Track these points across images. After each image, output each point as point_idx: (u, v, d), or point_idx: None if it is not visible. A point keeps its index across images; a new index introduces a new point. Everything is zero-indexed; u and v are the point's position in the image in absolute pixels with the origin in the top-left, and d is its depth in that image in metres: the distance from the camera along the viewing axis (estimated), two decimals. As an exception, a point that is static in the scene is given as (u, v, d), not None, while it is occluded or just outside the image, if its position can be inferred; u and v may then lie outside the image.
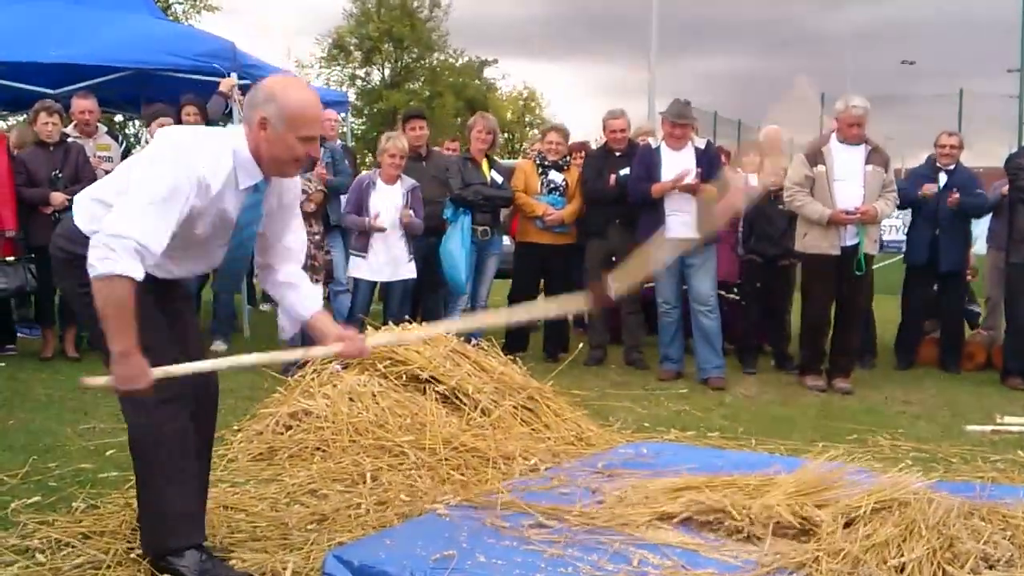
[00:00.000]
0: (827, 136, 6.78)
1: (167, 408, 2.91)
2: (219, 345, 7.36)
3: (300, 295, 3.20)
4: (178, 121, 7.57)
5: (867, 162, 6.61)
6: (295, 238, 3.23)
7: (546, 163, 7.72)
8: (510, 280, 8.03)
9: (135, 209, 2.68)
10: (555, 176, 7.68)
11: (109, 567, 3.01)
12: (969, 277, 8.33)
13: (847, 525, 3.02)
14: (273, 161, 2.89)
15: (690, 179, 6.84)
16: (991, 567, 2.81)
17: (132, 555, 3.09)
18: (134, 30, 8.66)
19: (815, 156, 6.65)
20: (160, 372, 2.77)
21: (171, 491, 2.94)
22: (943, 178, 7.68)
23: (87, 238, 2.76)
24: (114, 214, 2.72)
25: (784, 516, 3.06)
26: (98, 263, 2.64)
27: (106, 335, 2.69)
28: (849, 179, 6.58)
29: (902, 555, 2.80)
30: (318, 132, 2.95)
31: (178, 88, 8.22)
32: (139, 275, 2.66)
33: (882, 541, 2.87)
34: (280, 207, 3.11)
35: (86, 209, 2.95)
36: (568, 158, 7.90)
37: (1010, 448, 5.01)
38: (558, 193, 7.65)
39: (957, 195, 7.46)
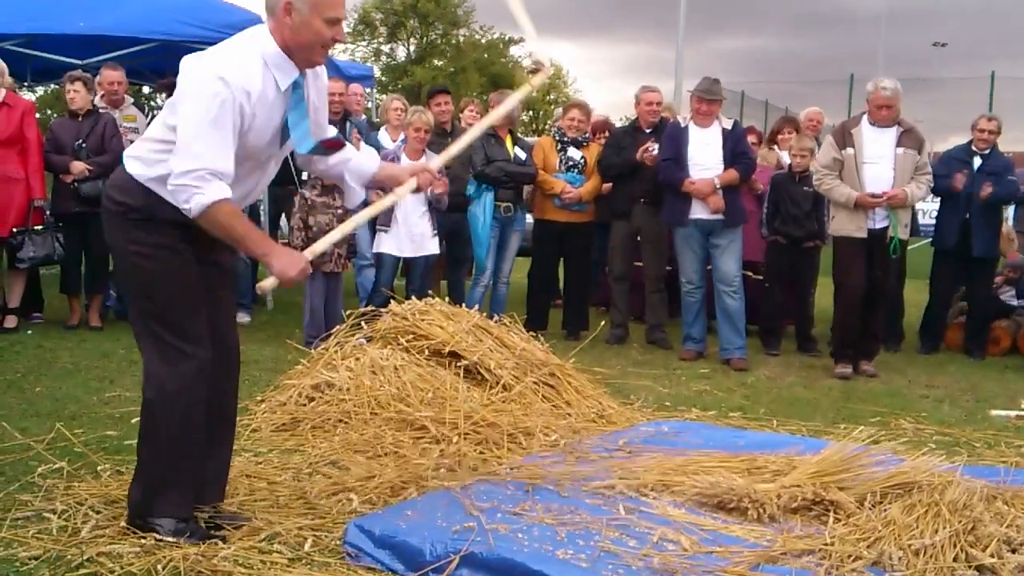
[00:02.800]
0: (858, 118, 6.69)
1: (186, 377, 2.92)
2: (243, 317, 7.40)
3: (358, 158, 3.25)
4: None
5: (898, 144, 6.49)
6: (334, 131, 3.25)
7: (565, 140, 7.69)
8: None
9: (192, 141, 2.70)
10: (574, 153, 7.64)
11: (121, 532, 3.03)
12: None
13: (869, 508, 3.00)
14: (300, 48, 2.85)
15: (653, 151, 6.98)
16: (1014, 551, 2.80)
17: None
18: (161, 1, 8.66)
19: (844, 138, 6.57)
20: (309, 253, 2.92)
21: (169, 459, 2.97)
22: (977, 162, 7.58)
23: (140, 186, 2.80)
24: (175, 156, 2.74)
25: (805, 497, 3.05)
26: (189, 203, 2.71)
27: (241, 250, 2.89)
28: (879, 162, 6.46)
29: (924, 538, 2.79)
30: (343, 15, 2.91)
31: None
32: (228, 193, 2.73)
33: (903, 524, 2.86)
34: (319, 103, 3.08)
35: (139, 155, 2.93)
36: (588, 135, 7.86)
37: (1034, 433, 4.97)
38: (577, 171, 7.61)
39: (990, 189, 7.36)
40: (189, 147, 2.70)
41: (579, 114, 7.78)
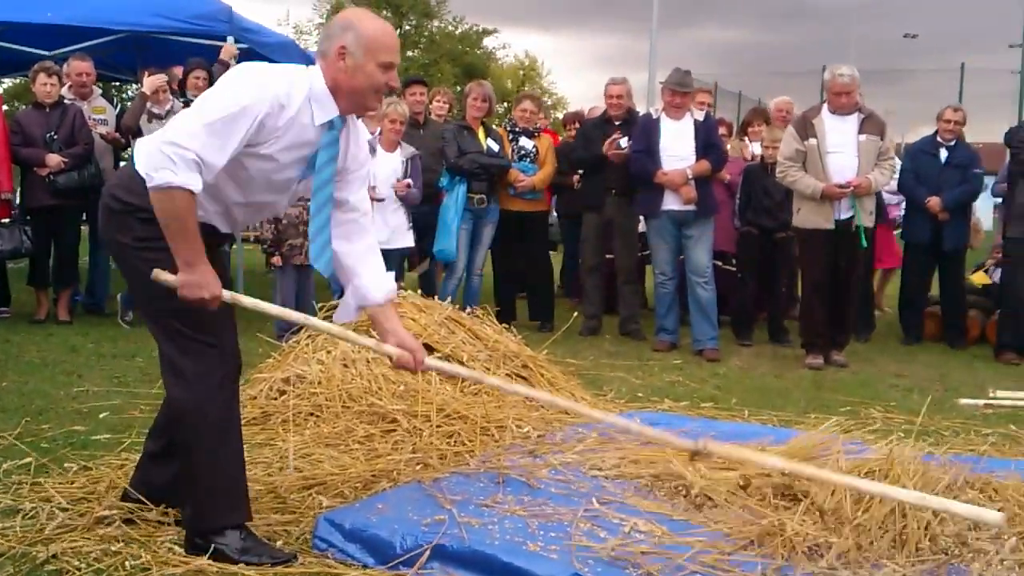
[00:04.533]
0: (818, 107, 6.70)
1: (216, 370, 2.83)
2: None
3: (373, 277, 3.03)
4: (183, 86, 7.52)
5: (860, 131, 6.49)
6: (363, 199, 3.08)
7: (517, 130, 7.77)
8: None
9: (199, 122, 2.63)
10: (526, 143, 7.74)
11: (87, 529, 3.00)
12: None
13: (834, 494, 3.02)
14: (353, 92, 2.80)
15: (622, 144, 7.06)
16: (980, 538, 2.83)
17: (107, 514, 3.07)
18: (127, -7, 8.57)
19: (806, 128, 6.55)
20: (228, 296, 2.78)
21: (212, 468, 2.85)
22: (943, 154, 7.65)
23: (144, 184, 2.68)
24: (176, 123, 2.67)
25: (773, 485, 3.07)
26: (155, 172, 2.60)
27: (171, 246, 2.66)
28: (842, 150, 6.46)
29: (888, 524, 2.81)
30: (397, 60, 2.86)
31: (175, 52, 8.16)
32: (197, 187, 2.62)
33: (870, 510, 2.88)
34: (352, 163, 2.98)
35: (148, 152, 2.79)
36: (539, 126, 7.95)
37: (1002, 422, 5.02)
38: (529, 160, 7.68)
39: (939, 208, 7.44)
40: (193, 125, 2.62)
41: (530, 105, 7.93)
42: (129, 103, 9.03)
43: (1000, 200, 8.22)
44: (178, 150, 2.59)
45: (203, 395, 2.82)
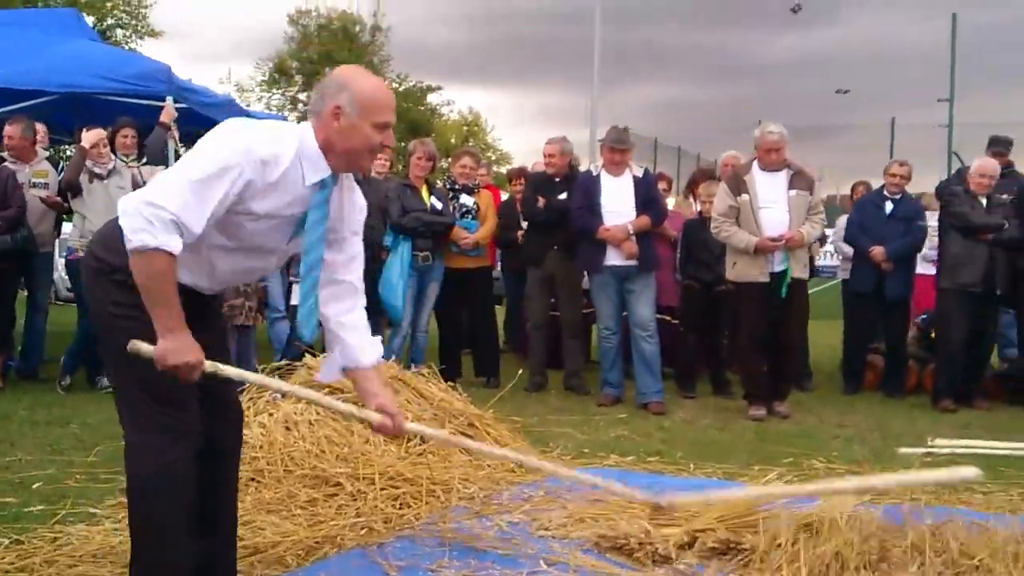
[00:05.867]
0: (748, 164, 6.87)
1: (174, 450, 2.71)
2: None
3: (362, 339, 2.97)
4: (112, 141, 7.45)
5: (790, 187, 6.67)
6: (357, 265, 3.00)
7: (456, 187, 7.81)
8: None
9: (178, 182, 2.55)
10: (466, 200, 7.78)
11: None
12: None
13: (778, 547, 3.04)
14: (347, 152, 2.73)
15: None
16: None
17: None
18: (67, 53, 8.50)
19: (738, 185, 6.72)
20: (210, 366, 2.68)
21: (162, 545, 2.75)
22: (889, 206, 7.87)
23: (122, 245, 2.59)
24: (155, 183, 2.60)
25: (718, 539, 3.08)
26: (133, 235, 2.52)
27: (150, 312, 2.57)
28: (773, 205, 6.63)
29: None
30: (392, 119, 2.81)
31: (115, 112, 8.09)
32: (176, 249, 2.53)
33: (812, 564, 2.89)
34: (345, 218, 2.90)
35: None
36: (478, 182, 8.01)
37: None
38: (470, 216, 7.72)
39: (883, 259, 7.63)
40: (173, 185, 2.55)
41: (469, 161, 8.00)
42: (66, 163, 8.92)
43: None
44: (157, 211, 2.51)
45: (159, 473, 2.70)
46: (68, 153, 16.81)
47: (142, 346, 2.61)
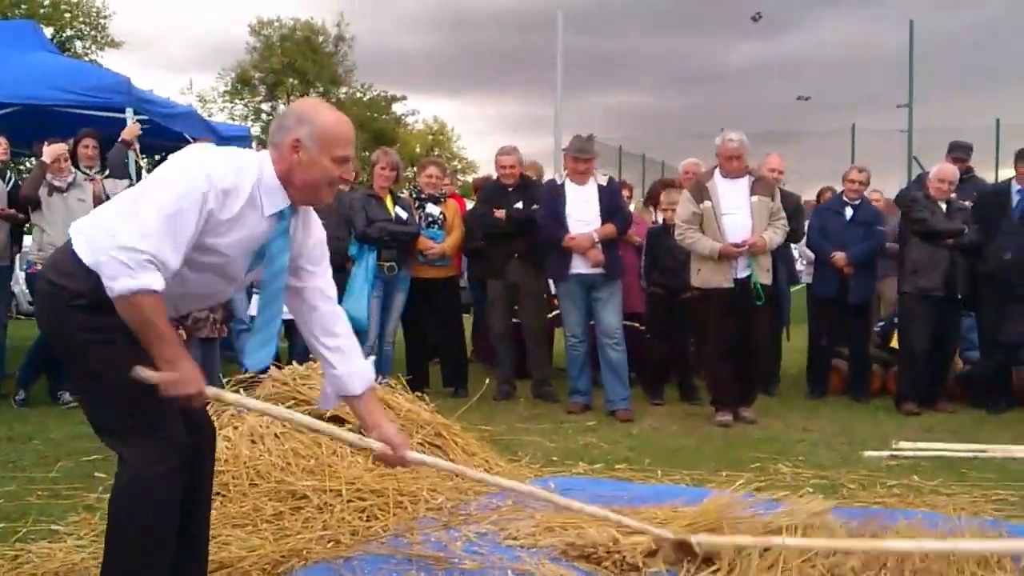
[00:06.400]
0: (710, 172, 6.93)
1: (164, 462, 2.68)
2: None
3: (349, 367, 2.96)
4: (74, 154, 7.36)
5: (752, 193, 6.73)
6: (331, 291, 2.99)
7: (423, 196, 7.80)
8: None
9: (148, 221, 2.52)
10: (432, 209, 7.77)
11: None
12: None
13: (744, 554, 3.05)
14: (307, 186, 2.73)
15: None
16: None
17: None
18: (26, 66, 8.42)
19: (700, 192, 6.77)
20: (213, 393, 2.69)
21: (144, 559, 2.71)
22: (849, 212, 7.95)
23: (86, 270, 2.58)
24: (125, 226, 2.55)
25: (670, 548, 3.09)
26: (114, 283, 2.50)
27: (149, 350, 2.57)
28: (736, 212, 6.68)
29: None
30: (352, 152, 2.81)
31: (74, 125, 8.00)
32: (159, 286, 2.51)
33: (773, 565, 2.91)
34: (306, 248, 2.90)
35: (89, 237, 2.68)
36: (444, 192, 8.00)
37: (906, 473, 5.15)
38: (437, 226, 7.71)
39: (844, 263, 7.70)
40: (143, 225, 2.52)
41: (435, 171, 7.99)
42: (22, 179, 8.81)
43: None
44: (132, 254, 2.49)
45: (148, 484, 2.67)
46: (28, 166, 16.62)
47: (145, 372, 2.58)
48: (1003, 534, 3.48)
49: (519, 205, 7.49)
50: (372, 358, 3.07)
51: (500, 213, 7.54)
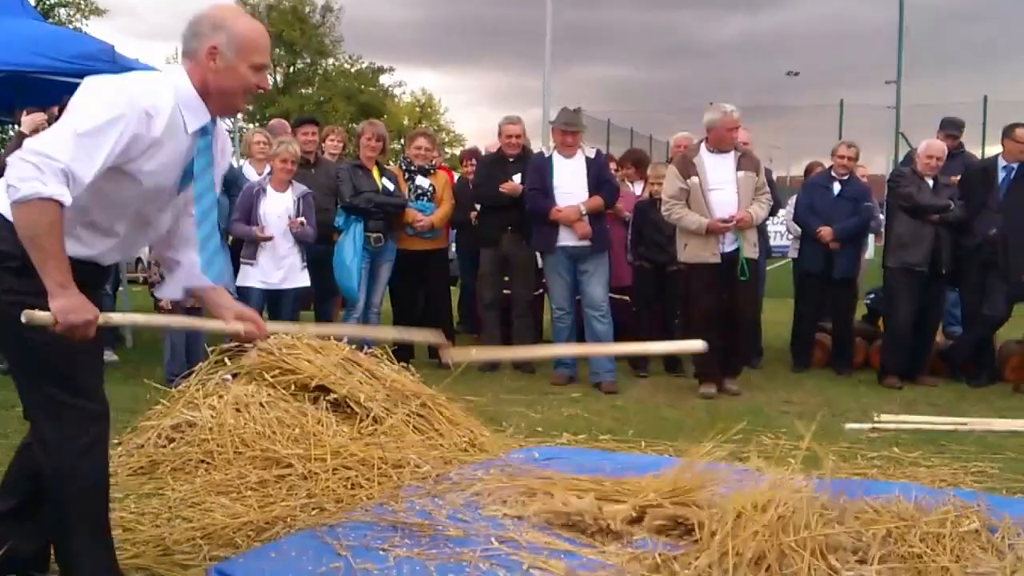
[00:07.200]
0: (696, 147, 6.93)
1: (88, 437, 2.67)
2: (108, 355, 7.11)
3: (195, 268, 2.93)
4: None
5: (738, 168, 6.75)
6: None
7: (412, 168, 7.75)
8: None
9: (66, 133, 2.46)
10: (422, 181, 7.73)
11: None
12: None
13: (724, 523, 3.08)
14: (222, 94, 2.68)
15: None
16: (862, 561, 2.91)
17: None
18: (9, 32, 8.28)
19: (687, 168, 6.78)
20: (103, 319, 2.60)
21: (94, 543, 2.75)
22: (836, 187, 7.97)
23: (11, 229, 2.48)
24: (43, 136, 2.50)
25: (667, 516, 3.11)
26: (21, 184, 2.39)
27: (39, 267, 2.46)
28: (723, 187, 6.70)
29: (775, 551, 2.87)
30: (269, 61, 2.78)
31: (58, 92, 7.91)
32: (67, 200, 2.43)
33: (754, 536, 2.93)
34: (217, 164, 2.86)
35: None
36: (434, 163, 7.94)
37: (886, 445, 5.20)
38: (426, 199, 7.68)
39: (831, 239, 7.73)
40: (60, 137, 2.46)
41: (425, 142, 7.91)
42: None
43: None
44: (46, 160, 2.41)
45: (76, 462, 2.67)
46: (10, 133, 16.48)
47: (36, 313, 2.50)
48: (981, 506, 3.51)
49: (517, 178, 7.46)
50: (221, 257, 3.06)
51: (507, 187, 7.47)
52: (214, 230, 2.86)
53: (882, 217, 8.90)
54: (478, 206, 8.14)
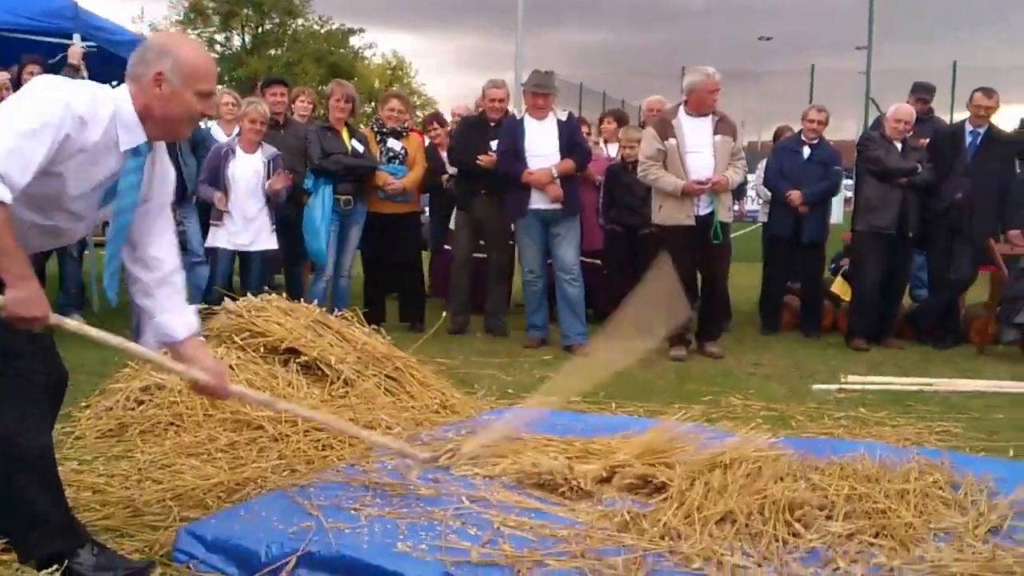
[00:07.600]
0: (675, 109, 6.92)
1: (13, 416, 2.66)
2: (75, 318, 7.03)
3: (170, 315, 2.92)
4: (18, 82, 7.15)
5: (715, 132, 6.77)
6: (170, 251, 2.95)
7: (384, 131, 7.67)
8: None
9: (1, 137, 2.45)
10: (394, 144, 7.64)
11: None
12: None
13: (693, 482, 3.12)
14: (167, 120, 2.70)
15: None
16: (828, 518, 2.96)
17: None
18: (-32, -14, 8.12)
19: (665, 129, 6.77)
20: (55, 320, 2.62)
21: (44, 502, 2.74)
22: (806, 151, 8.00)
23: None
24: None
25: (636, 475, 3.14)
26: None
27: None
28: (701, 150, 6.71)
29: (744, 508, 2.91)
30: (215, 88, 2.79)
31: (17, 49, 7.77)
32: (8, 199, 2.44)
33: (721, 494, 2.98)
34: (157, 187, 2.86)
35: None
36: (407, 126, 7.86)
37: (853, 406, 5.27)
38: (398, 161, 7.61)
39: (800, 202, 7.75)
40: None
41: (398, 104, 7.81)
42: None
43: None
44: None
45: (9, 430, 2.66)
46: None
47: None
48: (945, 463, 3.58)
49: (495, 143, 7.40)
50: (195, 308, 3.03)
51: (485, 160, 7.40)
52: (119, 251, 2.84)
53: (849, 181, 8.95)
54: (450, 170, 8.09)
